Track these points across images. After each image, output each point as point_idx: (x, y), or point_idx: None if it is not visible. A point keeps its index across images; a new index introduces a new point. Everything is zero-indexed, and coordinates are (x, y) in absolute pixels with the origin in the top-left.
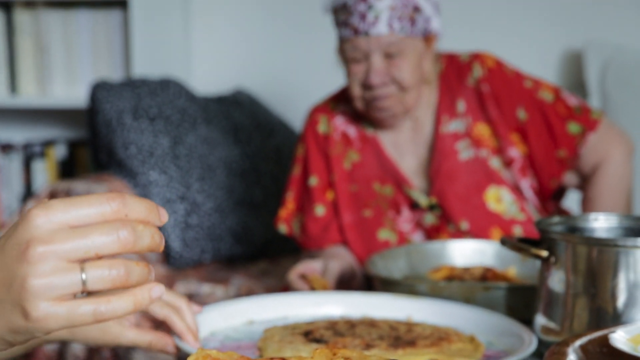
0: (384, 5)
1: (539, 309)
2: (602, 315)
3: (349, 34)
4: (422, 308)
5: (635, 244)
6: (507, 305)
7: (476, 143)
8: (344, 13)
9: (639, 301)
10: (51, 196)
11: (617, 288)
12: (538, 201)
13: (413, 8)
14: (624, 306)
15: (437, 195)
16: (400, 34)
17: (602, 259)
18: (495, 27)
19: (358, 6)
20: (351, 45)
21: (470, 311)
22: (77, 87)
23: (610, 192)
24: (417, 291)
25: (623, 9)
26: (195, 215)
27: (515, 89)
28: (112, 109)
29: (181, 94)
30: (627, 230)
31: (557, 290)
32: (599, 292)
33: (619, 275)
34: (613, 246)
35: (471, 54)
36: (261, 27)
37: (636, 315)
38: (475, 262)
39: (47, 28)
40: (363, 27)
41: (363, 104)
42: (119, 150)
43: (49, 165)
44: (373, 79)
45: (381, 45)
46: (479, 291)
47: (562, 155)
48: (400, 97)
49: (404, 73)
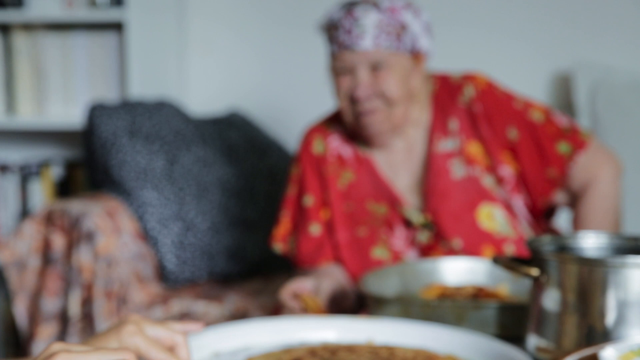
0: (370, 21)
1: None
2: (593, 333)
3: (335, 49)
4: (384, 330)
5: (624, 262)
6: (498, 324)
7: (469, 161)
8: (332, 29)
9: (628, 319)
10: (48, 216)
11: (607, 306)
12: (530, 218)
13: (400, 25)
14: (614, 324)
15: (430, 213)
16: (385, 49)
17: (592, 278)
18: (487, 49)
19: (345, 22)
20: (338, 60)
21: (445, 332)
22: (73, 108)
23: (599, 211)
24: (409, 310)
25: (612, 31)
26: (191, 234)
27: (506, 109)
28: (108, 129)
29: (176, 115)
30: (616, 249)
31: (548, 309)
32: (590, 310)
33: (608, 294)
34: (603, 265)
35: (463, 75)
36: (256, 50)
37: (626, 333)
38: (467, 280)
39: (45, 50)
40: (349, 41)
41: (352, 118)
42: (115, 170)
43: (46, 185)
44: (359, 92)
45: (366, 60)
46: (470, 310)
47: (552, 174)
48: (388, 113)
49: (390, 85)
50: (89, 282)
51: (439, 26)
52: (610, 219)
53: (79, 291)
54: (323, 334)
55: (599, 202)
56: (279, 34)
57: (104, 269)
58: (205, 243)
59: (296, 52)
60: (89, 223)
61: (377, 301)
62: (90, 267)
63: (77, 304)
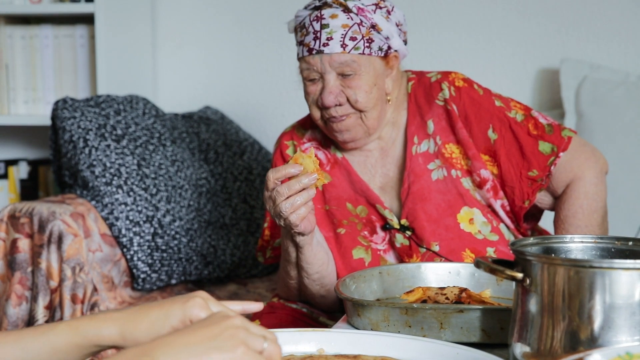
0: (338, 23)
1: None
2: (578, 338)
3: (304, 52)
4: (333, 339)
5: (611, 265)
6: (482, 328)
7: (447, 163)
8: (301, 32)
9: (615, 324)
10: (11, 217)
11: (593, 310)
12: (512, 222)
13: (370, 26)
14: (600, 329)
15: (408, 217)
16: (354, 52)
17: (577, 281)
18: (476, 47)
19: (313, 25)
20: (306, 64)
21: (395, 340)
22: (40, 105)
23: (583, 211)
24: (390, 313)
25: (597, 30)
26: (162, 237)
27: (484, 107)
28: (76, 127)
29: (147, 112)
30: (603, 251)
31: (533, 313)
32: (575, 314)
33: (595, 297)
34: (589, 267)
35: (440, 73)
36: (229, 45)
37: (613, 338)
38: (449, 284)
39: (9, 44)
40: (317, 45)
41: (322, 124)
42: (84, 170)
43: (11, 186)
44: (326, 99)
45: (334, 64)
46: (453, 314)
47: (534, 175)
48: (360, 118)
49: (359, 95)
50: (56, 287)
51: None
52: (594, 218)
53: (46, 296)
54: None
55: (582, 201)
56: (251, 30)
57: (72, 274)
58: (177, 246)
59: (270, 48)
60: (57, 225)
61: (356, 305)
62: (57, 271)
63: (44, 309)
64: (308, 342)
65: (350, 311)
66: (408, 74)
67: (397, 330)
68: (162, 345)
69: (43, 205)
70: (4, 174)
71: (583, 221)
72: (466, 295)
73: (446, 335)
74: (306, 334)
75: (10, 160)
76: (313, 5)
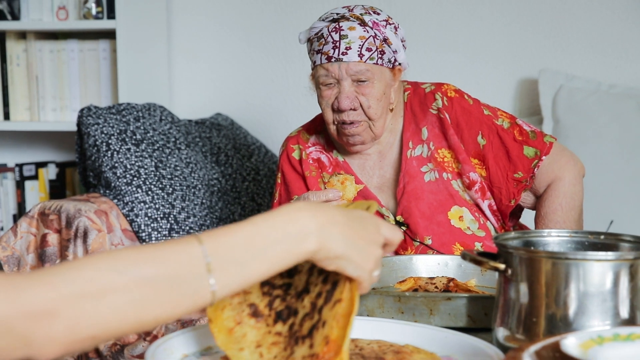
0: (356, 35)
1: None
2: (555, 323)
3: (322, 59)
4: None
5: (585, 257)
6: (468, 314)
7: (439, 167)
8: (319, 42)
9: (588, 310)
10: (41, 214)
11: (568, 297)
12: (497, 220)
13: (383, 39)
14: (574, 314)
15: (403, 213)
16: (369, 61)
17: (554, 271)
18: (463, 60)
19: (332, 35)
20: (324, 70)
21: (387, 325)
22: (66, 113)
23: (561, 208)
24: (384, 301)
25: (573, 42)
26: (178, 232)
27: (474, 116)
28: (99, 132)
29: (164, 118)
30: (577, 244)
31: (514, 300)
32: (552, 301)
33: (570, 286)
34: (565, 259)
35: (434, 84)
36: (239, 57)
37: (586, 323)
38: (438, 274)
39: (38, 57)
40: (336, 53)
41: (335, 127)
42: (107, 171)
43: (41, 186)
44: (343, 102)
45: (351, 71)
46: (442, 301)
47: (519, 176)
48: (369, 127)
49: (371, 101)
50: None
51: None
52: (571, 216)
53: None
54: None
55: (561, 200)
56: (261, 42)
57: None
58: None
59: (275, 60)
60: (83, 221)
61: None
62: None
63: None
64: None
65: None
66: (404, 85)
67: (390, 316)
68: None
69: (70, 204)
70: (35, 175)
71: (562, 217)
72: (453, 284)
73: (435, 321)
74: None
75: (40, 163)
76: (331, 18)
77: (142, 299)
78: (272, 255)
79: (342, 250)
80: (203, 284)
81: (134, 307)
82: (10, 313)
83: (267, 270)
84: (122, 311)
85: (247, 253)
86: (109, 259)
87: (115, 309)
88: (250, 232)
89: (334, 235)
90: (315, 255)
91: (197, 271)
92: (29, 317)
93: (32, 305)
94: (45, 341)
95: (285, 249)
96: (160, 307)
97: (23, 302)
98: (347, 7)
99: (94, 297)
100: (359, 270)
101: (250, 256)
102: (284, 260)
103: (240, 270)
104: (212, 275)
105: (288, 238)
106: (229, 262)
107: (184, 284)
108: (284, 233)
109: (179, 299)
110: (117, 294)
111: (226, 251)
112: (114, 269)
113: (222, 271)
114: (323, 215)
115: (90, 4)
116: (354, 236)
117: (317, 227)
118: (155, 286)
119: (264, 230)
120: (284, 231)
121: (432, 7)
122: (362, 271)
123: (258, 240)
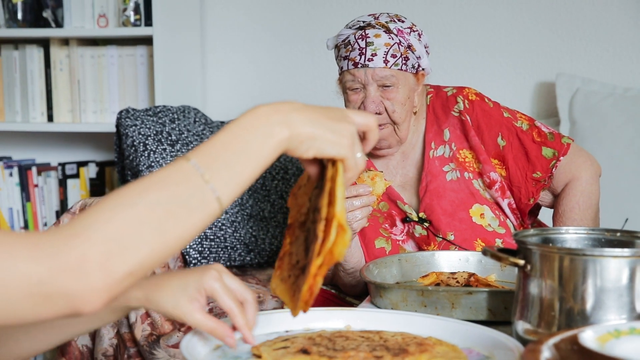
0: (381, 42)
1: (516, 311)
2: (573, 317)
3: (349, 65)
4: (358, 317)
5: (601, 253)
6: (488, 308)
7: (461, 166)
8: (346, 48)
9: (605, 304)
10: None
11: (586, 292)
12: (517, 218)
13: (407, 46)
14: (591, 309)
15: (425, 210)
16: (394, 67)
17: (572, 267)
18: (483, 64)
19: (358, 42)
20: (351, 75)
21: (414, 318)
22: (106, 115)
23: (578, 207)
24: (408, 295)
25: (589, 47)
26: (211, 228)
27: (494, 118)
28: (137, 133)
29: (198, 119)
30: (594, 241)
31: (533, 294)
32: (570, 296)
33: (587, 281)
34: (582, 255)
35: (455, 88)
36: (269, 61)
37: (603, 317)
38: (459, 269)
39: (80, 63)
40: (362, 60)
41: None
42: (144, 171)
43: (82, 184)
44: (369, 106)
45: (377, 76)
46: (463, 295)
47: (538, 176)
48: (394, 130)
49: (395, 106)
50: None
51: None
52: (588, 214)
53: None
54: (306, 324)
55: (578, 198)
56: (291, 46)
57: None
58: (223, 236)
59: (304, 65)
60: None
61: (379, 287)
62: None
63: None
64: (337, 319)
65: (373, 293)
66: (427, 88)
67: (414, 309)
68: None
69: None
70: (76, 173)
71: (579, 215)
72: (474, 279)
73: (457, 314)
74: (335, 312)
75: (81, 162)
76: (357, 26)
77: (159, 223)
78: (252, 152)
79: (311, 130)
80: (206, 193)
81: (154, 232)
82: (46, 274)
83: (254, 166)
84: (145, 240)
85: (231, 156)
86: (117, 197)
87: (139, 240)
88: (226, 138)
89: (300, 119)
90: (290, 143)
91: (196, 184)
92: (64, 273)
93: (65, 262)
94: (86, 293)
95: (260, 143)
96: (178, 225)
97: (55, 260)
98: (373, 14)
99: (118, 236)
100: (337, 147)
101: (235, 158)
102: (264, 153)
103: (231, 173)
104: (209, 183)
105: (259, 133)
106: (219, 169)
107: (190, 198)
108: (255, 130)
109: (191, 213)
110: (136, 226)
111: (212, 160)
112: (126, 204)
113: (217, 177)
114: (283, 106)
115: (129, 12)
116: (319, 117)
117: (281, 117)
118: (166, 207)
119: (236, 133)
120: (253, 128)
121: (454, 14)
122: (340, 147)
123: (234, 143)
